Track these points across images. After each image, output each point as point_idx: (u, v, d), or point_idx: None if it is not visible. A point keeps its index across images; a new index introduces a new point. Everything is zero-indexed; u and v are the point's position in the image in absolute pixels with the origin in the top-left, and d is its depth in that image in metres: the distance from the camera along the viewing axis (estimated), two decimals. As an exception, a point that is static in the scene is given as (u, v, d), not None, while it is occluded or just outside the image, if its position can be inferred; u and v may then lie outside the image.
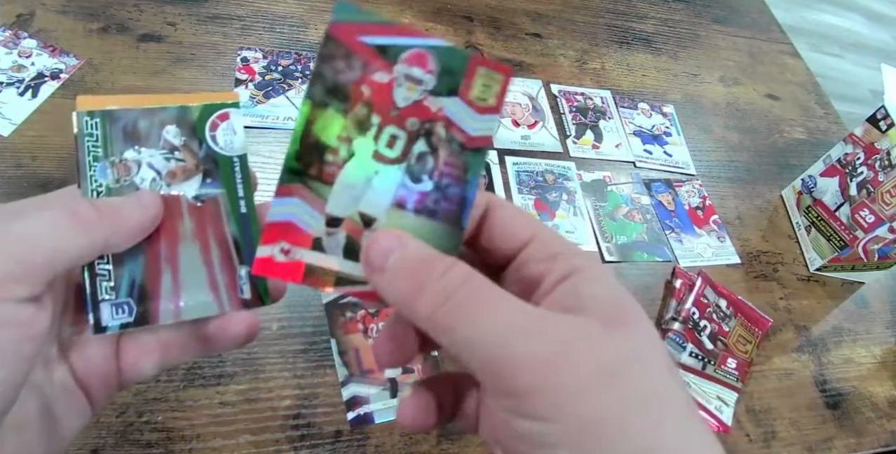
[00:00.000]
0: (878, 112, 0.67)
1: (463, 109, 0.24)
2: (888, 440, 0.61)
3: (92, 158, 0.26)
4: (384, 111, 0.24)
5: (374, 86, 0.23)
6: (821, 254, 0.71)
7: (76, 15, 0.66)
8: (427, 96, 0.24)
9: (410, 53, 0.23)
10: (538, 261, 0.23)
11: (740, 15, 1.05)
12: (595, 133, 0.77)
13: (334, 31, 0.23)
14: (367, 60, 0.23)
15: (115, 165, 0.26)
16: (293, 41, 0.72)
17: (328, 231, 0.24)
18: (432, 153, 0.24)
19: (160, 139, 0.27)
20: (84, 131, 0.26)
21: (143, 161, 0.26)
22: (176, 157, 0.27)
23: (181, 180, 0.27)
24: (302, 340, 0.50)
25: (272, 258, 0.23)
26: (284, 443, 0.45)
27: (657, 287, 0.64)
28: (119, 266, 0.25)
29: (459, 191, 0.24)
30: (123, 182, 0.26)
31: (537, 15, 0.89)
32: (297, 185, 0.24)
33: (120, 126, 0.26)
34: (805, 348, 0.65)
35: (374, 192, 0.24)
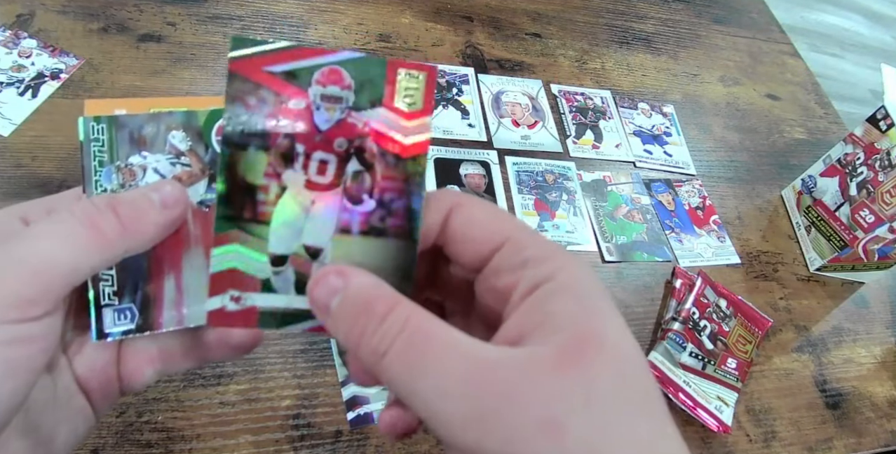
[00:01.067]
0: (878, 112, 0.67)
1: (391, 119, 0.23)
2: (888, 440, 0.61)
3: (97, 163, 0.26)
4: (307, 138, 0.23)
5: (293, 115, 0.23)
6: (821, 254, 0.71)
7: (76, 15, 0.66)
8: (350, 113, 0.23)
9: (322, 72, 0.22)
10: (509, 268, 0.21)
11: (740, 15, 1.05)
12: (595, 133, 0.77)
13: (236, 67, 0.22)
14: (277, 90, 0.22)
15: (121, 170, 0.26)
16: (293, 41, 0.72)
17: (275, 270, 0.23)
18: (368, 170, 0.23)
19: (166, 144, 0.27)
20: (90, 136, 0.26)
21: (149, 166, 0.26)
22: (182, 162, 0.27)
23: (186, 185, 0.27)
24: (302, 340, 0.50)
25: (224, 308, 0.23)
26: (284, 443, 0.45)
27: (657, 287, 0.64)
28: (122, 271, 0.25)
29: (404, 203, 0.23)
30: (129, 187, 0.26)
31: (537, 15, 0.89)
32: (234, 231, 0.23)
33: (126, 131, 0.26)
34: (805, 348, 0.65)
35: (314, 222, 0.23)
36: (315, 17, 0.76)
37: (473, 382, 0.18)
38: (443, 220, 0.23)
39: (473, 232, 0.22)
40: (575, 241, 0.65)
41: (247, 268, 0.23)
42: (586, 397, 0.17)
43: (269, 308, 0.23)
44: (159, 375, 0.27)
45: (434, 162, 0.66)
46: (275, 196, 0.23)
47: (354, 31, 0.76)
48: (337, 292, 0.20)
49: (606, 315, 0.20)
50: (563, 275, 0.20)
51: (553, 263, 0.20)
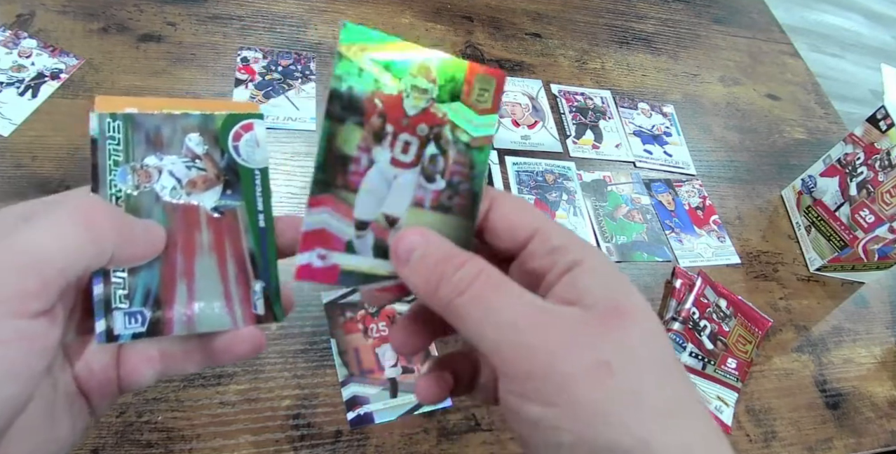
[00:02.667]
0: (878, 112, 0.67)
1: (465, 113, 0.26)
2: (888, 440, 0.60)
3: (112, 163, 0.25)
4: (396, 120, 0.26)
5: (385, 98, 0.26)
6: (821, 254, 0.71)
7: (76, 15, 0.66)
8: (433, 103, 0.26)
9: (415, 66, 0.26)
10: (541, 255, 0.24)
11: (740, 15, 1.05)
12: (595, 133, 0.77)
13: (346, 51, 0.25)
14: (376, 76, 0.25)
15: (136, 171, 0.26)
16: (293, 41, 0.72)
17: (357, 234, 0.26)
18: (442, 155, 0.26)
19: (182, 146, 0.26)
20: (106, 133, 0.25)
21: (165, 168, 0.26)
22: (197, 166, 0.26)
23: (201, 190, 0.26)
24: (302, 340, 0.50)
25: (311, 264, 0.25)
26: (284, 443, 0.45)
27: (657, 287, 0.64)
28: (134, 275, 0.25)
29: (469, 186, 0.27)
30: (143, 188, 0.26)
31: (537, 15, 0.89)
32: (326, 195, 0.25)
33: (143, 131, 0.26)
34: (805, 348, 0.65)
35: (394, 194, 0.26)
36: (315, 17, 0.76)
37: (541, 321, 0.21)
38: (484, 212, 0.26)
39: (510, 223, 0.25)
40: (575, 241, 0.65)
41: (334, 229, 0.26)
42: (629, 351, 0.21)
43: (350, 267, 0.26)
44: (159, 376, 0.27)
45: (434, 162, 0.66)
46: (364, 168, 0.26)
47: (354, 31, 0.76)
48: (416, 248, 0.24)
49: (632, 293, 0.23)
50: (590, 260, 0.24)
51: (580, 250, 0.24)
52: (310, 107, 0.66)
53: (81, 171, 0.54)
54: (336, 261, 0.26)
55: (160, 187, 0.26)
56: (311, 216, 0.25)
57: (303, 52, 0.71)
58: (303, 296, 0.52)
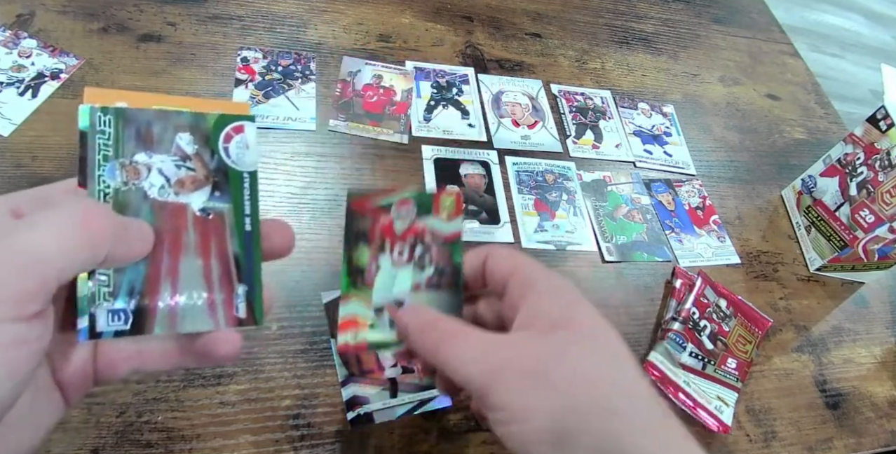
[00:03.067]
0: (878, 112, 0.67)
1: (437, 222, 0.36)
2: (888, 440, 0.60)
3: (102, 157, 0.25)
4: (392, 237, 0.36)
5: (383, 226, 0.36)
6: (821, 254, 0.71)
7: (76, 15, 0.66)
8: (415, 220, 0.36)
9: (398, 202, 0.36)
10: (515, 290, 0.32)
11: (740, 15, 1.05)
12: (595, 133, 0.77)
13: (354, 206, 0.35)
14: (374, 215, 0.35)
15: (125, 167, 0.25)
16: (293, 41, 0.72)
17: (377, 316, 0.35)
18: (427, 251, 0.36)
19: (172, 145, 0.26)
20: (96, 127, 0.25)
21: (154, 166, 0.26)
22: (187, 166, 0.26)
23: (190, 190, 0.26)
24: (302, 340, 0.50)
25: (347, 343, 0.35)
26: (284, 443, 0.45)
27: (657, 287, 0.64)
28: (119, 273, 0.25)
29: (451, 269, 0.36)
30: (131, 185, 0.25)
31: (537, 15, 0.89)
32: (352, 293, 0.35)
33: (133, 127, 0.26)
34: (805, 348, 0.65)
35: (399, 285, 0.36)
36: (315, 17, 0.76)
37: (484, 352, 0.29)
38: (481, 266, 0.34)
39: (494, 270, 0.34)
40: (575, 241, 0.65)
41: (360, 316, 0.35)
42: (560, 355, 0.28)
43: (375, 340, 0.35)
44: (134, 373, 0.28)
45: (434, 162, 0.66)
46: (374, 271, 0.36)
47: (354, 30, 0.76)
48: (409, 323, 0.32)
49: (575, 305, 0.30)
50: (541, 283, 0.31)
51: (537, 279, 0.31)
52: (310, 107, 0.66)
53: (81, 171, 0.54)
54: (365, 337, 0.35)
55: (148, 185, 0.26)
56: (344, 309, 0.35)
57: (303, 52, 0.71)
58: (303, 296, 0.52)
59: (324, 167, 0.62)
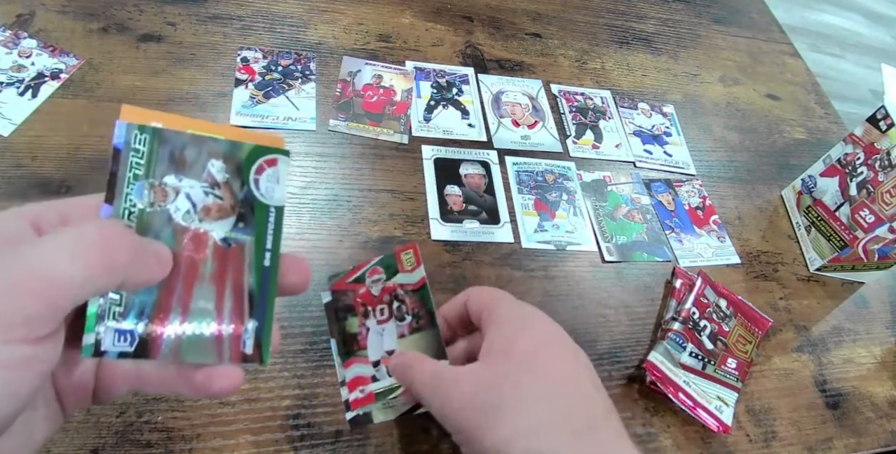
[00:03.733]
0: (878, 112, 0.67)
1: (404, 276, 0.43)
2: (888, 440, 0.60)
3: (132, 176, 0.25)
4: (371, 302, 0.45)
5: (361, 295, 0.45)
6: (821, 254, 0.71)
7: (76, 15, 0.66)
8: (385, 282, 0.44)
9: (369, 271, 0.45)
10: (484, 323, 0.38)
11: (740, 15, 1.05)
12: (595, 133, 0.77)
13: (334, 288, 0.46)
14: (354, 289, 0.45)
15: (154, 188, 0.25)
16: (293, 41, 0.72)
17: (375, 369, 0.43)
18: (403, 303, 0.43)
19: (204, 171, 0.26)
20: (131, 145, 0.25)
21: (182, 190, 0.26)
22: (215, 194, 0.26)
23: (214, 218, 0.26)
24: (302, 340, 0.50)
25: (358, 398, 0.43)
26: (284, 443, 0.45)
27: (657, 287, 0.64)
28: (131, 293, 0.25)
29: (425, 311, 0.42)
30: (157, 207, 0.25)
31: (537, 15, 0.89)
32: (351, 358, 0.44)
33: (168, 148, 0.25)
34: (805, 348, 0.65)
35: (387, 338, 0.43)
36: (315, 16, 0.76)
37: (438, 383, 0.36)
38: (463, 306, 0.42)
39: (472, 308, 0.40)
40: (575, 241, 0.65)
41: (363, 373, 0.43)
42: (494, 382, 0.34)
43: (380, 390, 0.42)
44: (132, 392, 0.28)
45: (434, 162, 0.66)
46: (365, 334, 0.44)
47: (354, 30, 0.76)
48: (394, 366, 0.40)
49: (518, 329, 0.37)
50: (495, 313, 0.38)
51: (496, 310, 0.38)
52: (310, 107, 0.66)
53: (81, 171, 0.54)
54: (371, 389, 0.42)
55: (174, 208, 0.25)
56: (349, 372, 0.44)
57: (303, 52, 0.71)
58: (303, 296, 0.52)
59: (324, 167, 0.62)
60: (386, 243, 0.58)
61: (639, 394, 0.56)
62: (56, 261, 0.21)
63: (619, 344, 0.58)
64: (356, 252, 0.57)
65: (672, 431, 0.54)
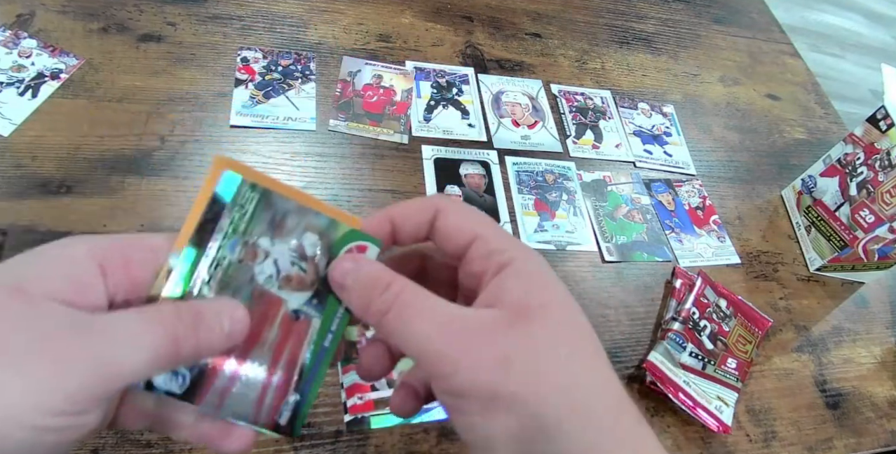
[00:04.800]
0: (878, 112, 0.67)
1: None
2: (888, 440, 0.60)
3: (231, 230, 0.25)
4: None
5: None
6: (821, 254, 0.71)
7: (76, 15, 0.66)
8: None
9: None
10: (478, 258, 0.27)
11: (740, 15, 1.05)
12: (595, 133, 0.77)
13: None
14: None
15: (246, 247, 0.26)
16: (293, 41, 0.72)
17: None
18: None
19: (296, 241, 0.26)
20: (238, 200, 0.25)
21: (272, 255, 0.26)
22: (301, 265, 0.27)
23: (292, 289, 0.27)
24: (302, 340, 0.50)
25: (356, 404, 0.46)
26: (284, 443, 0.45)
27: (657, 287, 0.64)
28: None
29: None
30: (245, 266, 0.26)
31: (537, 15, 0.89)
32: (351, 365, 0.48)
33: (271, 212, 0.26)
34: (805, 348, 0.65)
35: None
36: (315, 16, 0.76)
37: (448, 329, 0.24)
38: (429, 221, 0.28)
39: (452, 231, 0.28)
40: (575, 241, 0.65)
41: (361, 380, 0.46)
42: (528, 343, 0.24)
43: (377, 398, 0.46)
44: (146, 428, 0.28)
45: (434, 162, 0.66)
46: (364, 343, 0.45)
47: (354, 30, 0.76)
48: (349, 273, 0.27)
49: (551, 293, 0.26)
50: (518, 261, 0.26)
51: (510, 253, 0.27)
52: (310, 107, 0.66)
53: (81, 171, 0.54)
54: (370, 398, 0.46)
55: (259, 270, 0.26)
56: (346, 378, 0.47)
57: (303, 52, 0.71)
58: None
59: (324, 167, 0.62)
60: (386, 243, 0.58)
61: (639, 394, 0.56)
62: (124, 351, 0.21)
63: (619, 344, 0.58)
64: (356, 252, 0.57)
65: (672, 431, 0.54)
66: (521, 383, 0.23)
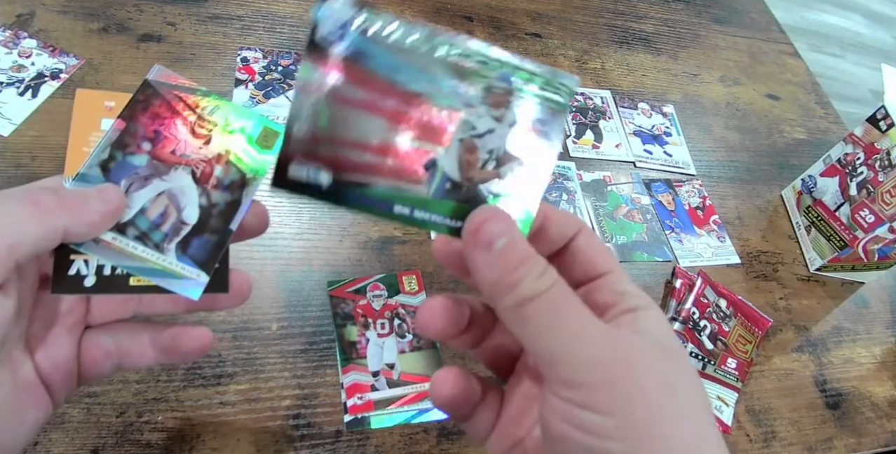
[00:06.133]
0: (878, 112, 0.67)
1: (405, 296, 0.50)
2: (888, 440, 0.60)
3: None
4: (372, 315, 0.49)
5: (362, 306, 0.50)
6: (821, 254, 0.71)
7: (76, 15, 0.66)
8: (387, 299, 0.50)
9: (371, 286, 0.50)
10: (609, 292, 0.25)
11: (740, 15, 1.05)
12: (595, 133, 0.77)
13: (334, 294, 0.49)
14: (354, 298, 0.50)
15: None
16: (293, 41, 0.72)
17: (375, 379, 0.47)
18: (404, 321, 0.49)
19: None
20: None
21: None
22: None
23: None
24: (302, 340, 0.50)
25: (356, 404, 0.46)
26: (284, 442, 0.45)
27: (657, 287, 0.64)
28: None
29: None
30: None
31: (537, 15, 0.89)
32: (350, 365, 0.48)
33: None
34: (805, 348, 0.65)
35: (386, 352, 0.48)
36: (315, 17, 0.76)
37: (608, 338, 0.22)
38: (570, 236, 0.26)
39: (593, 255, 0.26)
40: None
41: (361, 381, 0.47)
42: (687, 379, 0.23)
43: (378, 398, 0.47)
44: (118, 369, 0.29)
45: (434, 162, 0.66)
46: (364, 344, 0.48)
47: (354, 31, 0.76)
48: (504, 234, 0.22)
49: (680, 343, 0.25)
50: (654, 309, 0.25)
51: (644, 300, 0.25)
52: (310, 107, 0.66)
53: (81, 171, 0.54)
54: (370, 398, 0.47)
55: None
56: (346, 378, 0.47)
57: (303, 51, 0.71)
58: (303, 297, 0.52)
59: (324, 167, 0.62)
60: (386, 243, 0.58)
61: (639, 394, 0.56)
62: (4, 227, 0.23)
63: (619, 344, 0.58)
64: (356, 252, 0.57)
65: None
66: (677, 420, 0.21)
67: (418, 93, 0.22)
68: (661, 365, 0.22)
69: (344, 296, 0.51)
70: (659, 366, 0.22)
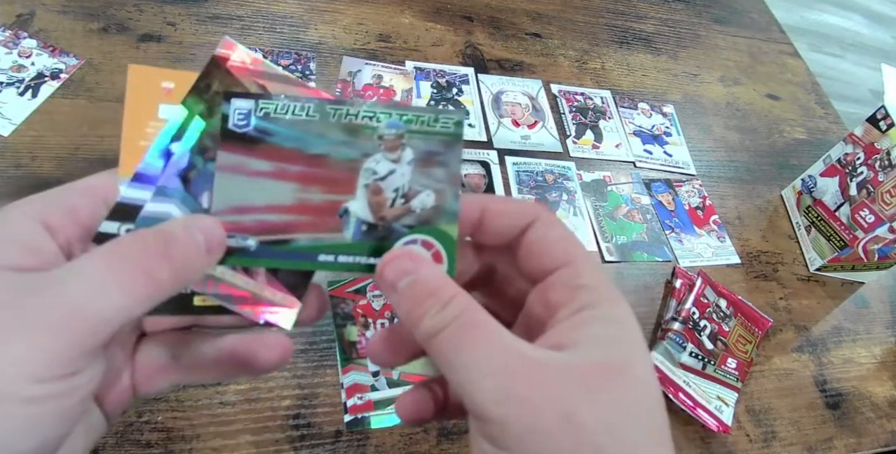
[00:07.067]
0: (878, 112, 0.67)
1: None
2: (888, 440, 0.60)
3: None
4: (372, 315, 0.50)
5: (362, 306, 0.50)
6: (821, 254, 0.71)
7: (76, 15, 0.66)
8: (387, 301, 0.46)
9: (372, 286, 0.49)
10: (562, 288, 0.24)
11: (740, 15, 1.05)
12: (595, 133, 0.77)
13: (334, 294, 0.49)
14: (354, 298, 0.49)
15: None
16: (293, 41, 0.72)
17: (375, 379, 0.48)
18: None
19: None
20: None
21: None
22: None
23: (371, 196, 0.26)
24: (302, 340, 0.50)
25: (356, 404, 0.46)
26: (284, 442, 0.45)
27: (657, 287, 0.64)
28: None
29: None
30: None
31: (537, 15, 0.89)
32: (350, 365, 0.48)
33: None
34: (805, 348, 0.65)
35: None
36: (315, 16, 0.76)
37: (509, 368, 0.20)
38: (523, 227, 0.25)
39: (545, 247, 0.25)
40: (575, 241, 0.65)
41: (362, 381, 0.48)
42: (602, 409, 0.20)
43: (377, 398, 0.47)
44: (174, 385, 0.26)
45: (434, 162, 0.66)
46: (365, 343, 0.47)
47: (354, 30, 0.76)
48: (407, 274, 0.23)
49: (638, 349, 0.22)
50: (606, 306, 0.23)
51: (601, 293, 0.23)
52: (310, 107, 0.66)
53: (81, 172, 0.54)
54: (370, 398, 0.47)
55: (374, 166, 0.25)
56: (346, 378, 0.48)
57: (303, 52, 0.71)
58: (303, 296, 0.52)
59: (324, 167, 0.62)
60: (386, 243, 0.58)
61: (639, 394, 0.56)
62: (94, 297, 0.19)
63: (619, 344, 0.58)
64: (356, 252, 0.57)
65: (672, 431, 0.54)
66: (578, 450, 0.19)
67: (320, 154, 0.25)
68: (567, 395, 0.20)
69: (344, 296, 0.50)
70: (567, 398, 0.20)
